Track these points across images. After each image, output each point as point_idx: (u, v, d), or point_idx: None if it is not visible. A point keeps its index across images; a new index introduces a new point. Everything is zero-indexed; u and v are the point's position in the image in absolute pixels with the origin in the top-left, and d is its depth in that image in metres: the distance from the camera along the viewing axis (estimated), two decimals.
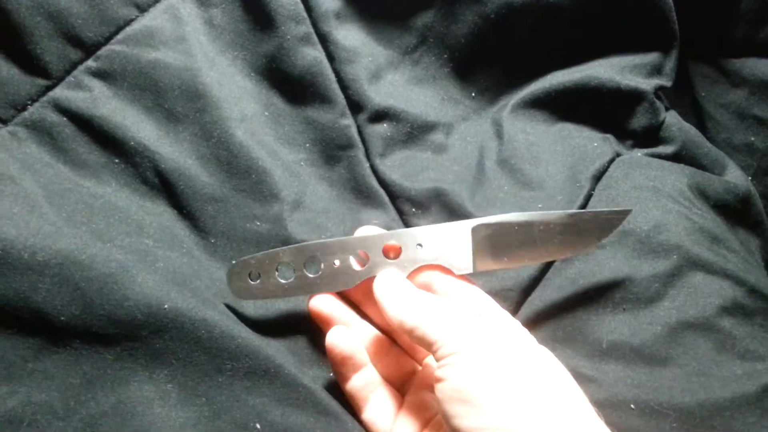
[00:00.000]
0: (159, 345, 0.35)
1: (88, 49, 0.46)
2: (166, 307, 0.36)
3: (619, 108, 0.51)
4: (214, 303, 0.39)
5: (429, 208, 0.47)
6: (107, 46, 0.46)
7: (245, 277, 0.39)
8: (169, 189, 0.44)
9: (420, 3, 0.53)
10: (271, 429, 0.35)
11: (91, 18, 0.46)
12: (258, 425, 0.35)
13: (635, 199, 0.46)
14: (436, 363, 0.33)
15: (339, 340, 0.37)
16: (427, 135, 0.51)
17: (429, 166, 0.49)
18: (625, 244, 0.43)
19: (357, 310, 0.41)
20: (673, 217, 0.44)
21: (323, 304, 0.40)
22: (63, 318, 0.34)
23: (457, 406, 0.31)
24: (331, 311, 0.40)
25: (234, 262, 0.40)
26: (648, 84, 0.51)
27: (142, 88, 0.46)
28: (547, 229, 0.38)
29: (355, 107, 0.49)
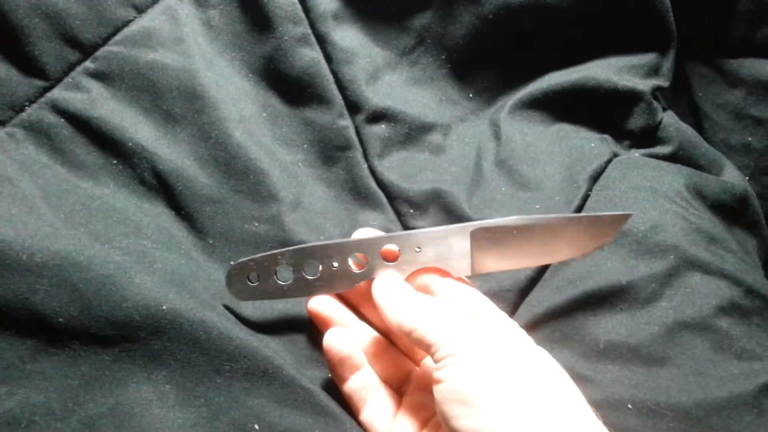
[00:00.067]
0: (157, 346, 0.35)
1: (86, 50, 0.46)
2: (165, 308, 0.36)
3: (616, 108, 0.51)
4: (212, 304, 0.39)
5: (427, 209, 0.47)
6: (105, 47, 0.46)
7: (244, 279, 0.39)
8: (167, 190, 0.44)
9: (418, 4, 0.53)
10: (269, 430, 0.35)
11: (89, 19, 0.45)
12: (256, 426, 0.35)
13: (632, 199, 0.46)
14: (435, 364, 0.33)
15: (336, 342, 0.37)
16: (425, 136, 0.51)
17: (427, 167, 0.49)
18: (623, 245, 0.43)
19: (355, 312, 0.41)
20: (670, 217, 0.44)
21: (322, 305, 0.40)
22: (61, 319, 0.34)
23: (455, 407, 0.31)
24: (330, 312, 0.40)
25: (233, 263, 0.40)
26: (645, 84, 0.51)
27: (140, 89, 0.46)
28: (546, 233, 0.38)
29: (352, 108, 0.49)
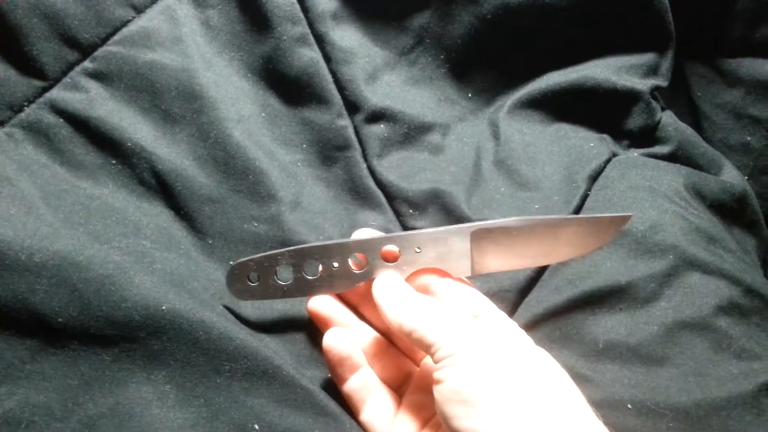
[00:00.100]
0: (157, 346, 0.35)
1: (85, 50, 0.46)
2: (164, 308, 0.36)
3: (615, 108, 0.51)
4: (211, 304, 0.39)
5: (426, 209, 0.47)
6: (104, 47, 0.46)
7: (244, 279, 0.39)
8: (167, 190, 0.44)
9: (416, 4, 0.53)
10: (269, 430, 0.35)
11: (88, 19, 0.45)
12: (256, 426, 0.35)
13: (631, 199, 0.46)
14: (435, 365, 0.33)
15: (336, 342, 0.37)
16: (424, 136, 0.51)
17: (426, 167, 0.49)
18: (622, 245, 0.43)
19: (356, 312, 0.41)
20: (669, 217, 0.44)
21: (322, 305, 0.40)
22: (60, 319, 0.34)
23: (455, 407, 0.31)
24: (330, 312, 0.40)
25: (233, 263, 0.40)
26: (644, 84, 0.51)
27: (139, 89, 0.46)
28: (546, 234, 0.38)
29: (351, 108, 0.49)
